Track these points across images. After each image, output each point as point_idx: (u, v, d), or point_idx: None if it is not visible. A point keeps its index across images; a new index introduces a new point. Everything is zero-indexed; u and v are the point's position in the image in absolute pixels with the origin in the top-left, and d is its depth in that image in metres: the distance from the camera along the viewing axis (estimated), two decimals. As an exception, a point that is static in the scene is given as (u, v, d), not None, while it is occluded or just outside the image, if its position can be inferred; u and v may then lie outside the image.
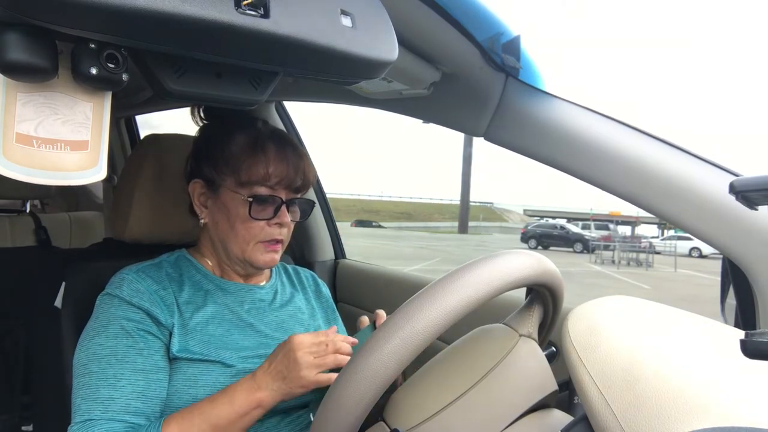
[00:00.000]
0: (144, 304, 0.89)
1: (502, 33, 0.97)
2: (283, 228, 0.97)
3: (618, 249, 21.07)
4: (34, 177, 0.55)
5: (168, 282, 0.95)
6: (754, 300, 0.88)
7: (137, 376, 0.84)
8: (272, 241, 0.96)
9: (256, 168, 0.93)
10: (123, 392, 0.82)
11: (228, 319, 0.96)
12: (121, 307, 0.89)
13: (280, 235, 0.96)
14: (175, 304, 0.92)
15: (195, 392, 0.87)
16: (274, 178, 0.94)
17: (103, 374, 0.83)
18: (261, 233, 0.95)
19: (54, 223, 2.17)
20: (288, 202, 0.97)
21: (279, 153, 0.95)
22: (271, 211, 0.95)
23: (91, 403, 0.81)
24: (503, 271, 0.66)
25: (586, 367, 0.56)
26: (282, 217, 0.95)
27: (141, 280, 0.92)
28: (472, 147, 38.98)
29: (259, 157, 0.93)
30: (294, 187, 0.97)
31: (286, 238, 0.99)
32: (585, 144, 0.97)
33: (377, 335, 0.61)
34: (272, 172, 0.93)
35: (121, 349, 0.85)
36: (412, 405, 0.69)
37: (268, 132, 0.99)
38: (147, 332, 0.88)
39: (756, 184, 0.54)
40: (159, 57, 0.59)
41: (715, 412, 0.47)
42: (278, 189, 0.95)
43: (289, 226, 0.98)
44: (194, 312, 0.93)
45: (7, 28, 0.50)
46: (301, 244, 1.87)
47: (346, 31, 0.64)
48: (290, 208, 0.98)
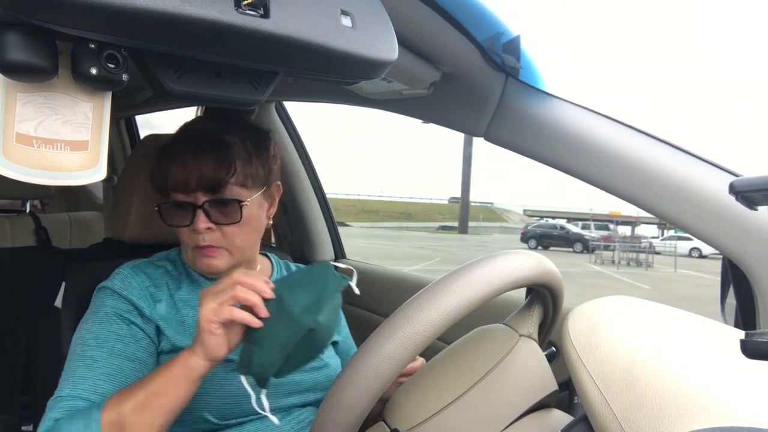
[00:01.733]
0: (132, 296, 0.90)
1: (502, 33, 0.97)
2: (211, 233, 0.90)
3: (618, 249, 21.07)
4: (34, 177, 0.55)
5: (165, 279, 0.95)
6: (754, 300, 0.88)
7: (113, 359, 0.84)
8: (201, 246, 0.91)
9: (163, 176, 0.91)
10: (95, 373, 0.83)
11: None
12: (112, 297, 0.90)
13: (203, 241, 0.90)
14: (168, 301, 0.92)
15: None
16: (178, 182, 0.89)
17: (83, 356, 0.84)
18: (189, 239, 0.92)
19: (54, 223, 2.17)
20: (209, 205, 0.89)
21: (181, 155, 0.89)
22: (187, 217, 0.90)
23: (66, 382, 0.82)
24: (503, 271, 0.66)
25: (586, 367, 0.56)
26: (197, 222, 0.89)
27: (134, 275, 0.93)
28: (472, 147, 38.99)
29: (164, 161, 0.91)
30: (207, 188, 0.89)
31: (228, 243, 0.91)
32: (585, 144, 0.97)
33: (377, 335, 0.61)
34: (174, 178, 0.89)
35: (103, 333, 0.86)
36: (412, 405, 0.69)
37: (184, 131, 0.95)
38: (130, 322, 0.88)
39: (756, 184, 0.54)
40: (159, 57, 0.59)
41: (715, 412, 0.47)
42: (187, 194, 0.89)
43: (222, 230, 0.90)
44: (192, 309, 0.93)
45: (7, 28, 0.50)
46: (301, 244, 1.87)
47: (346, 31, 0.64)
48: (215, 211, 0.90)
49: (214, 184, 0.89)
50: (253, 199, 0.93)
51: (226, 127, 0.94)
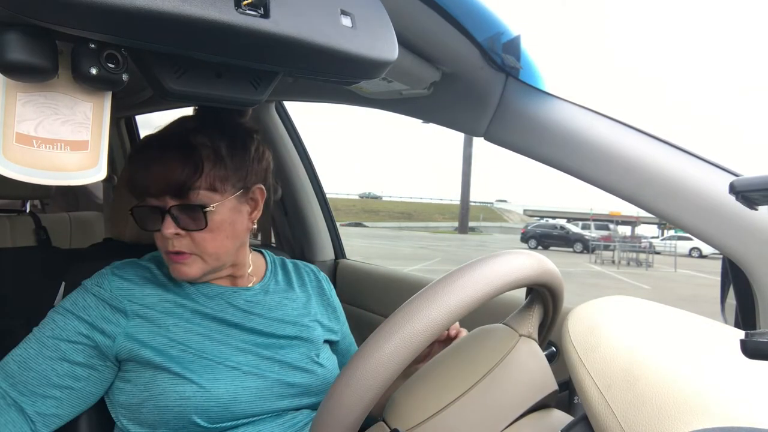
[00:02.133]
0: (104, 293, 0.89)
1: (502, 33, 0.97)
2: (180, 239, 0.88)
3: (618, 249, 21.08)
4: (34, 177, 0.55)
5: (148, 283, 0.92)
6: (754, 300, 0.88)
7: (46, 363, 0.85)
8: (171, 252, 0.89)
9: (132, 182, 0.90)
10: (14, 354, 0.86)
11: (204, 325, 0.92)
12: (86, 296, 0.90)
13: (172, 247, 0.88)
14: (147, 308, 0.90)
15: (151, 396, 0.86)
16: (145, 187, 0.88)
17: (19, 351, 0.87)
18: (162, 244, 0.90)
19: (54, 223, 2.17)
20: (176, 212, 0.87)
21: (148, 158, 0.88)
22: (157, 221, 0.88)
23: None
24: (503, 271, 0.66)
25: (586, 367, 0.56)
26: (165, 227, 0.86)
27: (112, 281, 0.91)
28: (472, 147, 38.99)
29: (134, 169, 0.90)
30: (172, 193, 0.86)
31: (199, 249, 0.89)
32: (585, 144, 0.97)
33: (377, 335, 0.61)
34: (141, 181, 0.88)
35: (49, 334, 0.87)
36: (412, 405, 0.69)
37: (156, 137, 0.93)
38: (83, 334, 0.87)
39: (756, 184, 0.54)
40: (159, 57, 0.59)
41: (715, 412, 0.47)
42: (154, 199, 0.88)
43: (192, 236, 0.88)
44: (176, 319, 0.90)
45: (7, 28, 0.50)
46: (301, 244, 1.87)
47: (346, 31, 0.64)
48: (183, 217, 0.87)
49: (178, 188, 0.86)
50: (223, 204, 0.89)
51: (198, 128, 0.91)
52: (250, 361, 0.91)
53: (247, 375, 0.89)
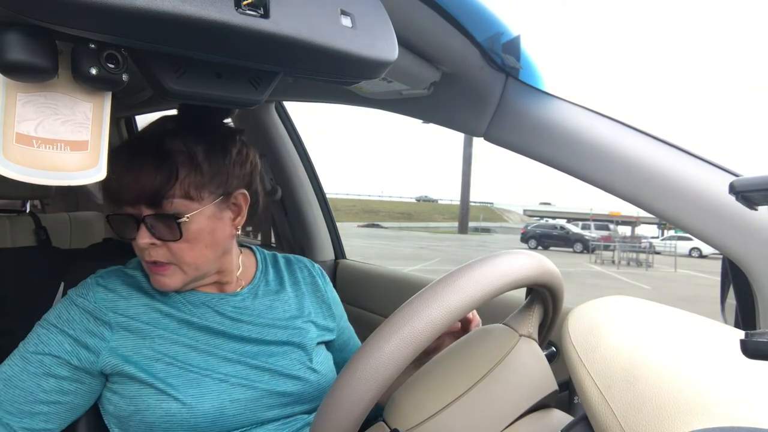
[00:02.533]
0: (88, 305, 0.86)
1: (502, 33, 0.97)
2: (156, 249, 0.84)
3: (618, 249, 21.08)
4: (34, 177, 0.55)
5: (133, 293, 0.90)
6: (754, 300, 0.88)
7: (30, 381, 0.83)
8: (148, 262, 0.86)
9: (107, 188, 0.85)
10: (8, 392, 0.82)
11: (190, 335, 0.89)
12: (70, 309, 0.87)
13: (150, 257, 0.84)
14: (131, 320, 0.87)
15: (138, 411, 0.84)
16: (119, 193, 0.84)
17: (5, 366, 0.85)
18: (139, 254, 0.87)
19: (54, 223, 2.17)
20: (150, 221, 0.83)
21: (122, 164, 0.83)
22: (133, 230, 0.84)
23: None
24: (503, 271, 0.66)
25: (586, 367, 0.56)
26: (140, 237, 0.83)
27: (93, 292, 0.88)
28: (472, 147, 38.98)
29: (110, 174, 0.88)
30: (147, 201, 0.82)
31: (176, 259, 0.85)
32: (585, 144, 0.97)
33: (377, 335, 0.61)
34: (115, 187, 0.84)
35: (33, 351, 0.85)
36: (412, 405, 0.69)
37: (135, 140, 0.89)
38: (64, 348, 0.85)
39: (756, 184, 0.54)
40: (159, 57, 0.59)
41: (715, 412, 0.47)
42: (128, 207, 0.84)
43: (169, 247, 0.84)
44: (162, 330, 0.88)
45: (7, 28, 0.50)
46: (301, 244, 1.87)
47: (346, 31, 0.64)
48: (158, 226, 0.83)
49: (152, 196, 0.82)
50: (200, 213, 0.84)
51: (176, 130, 0.87)
52: (238, 372, 0.88)
53: (235, 387, 0.86)
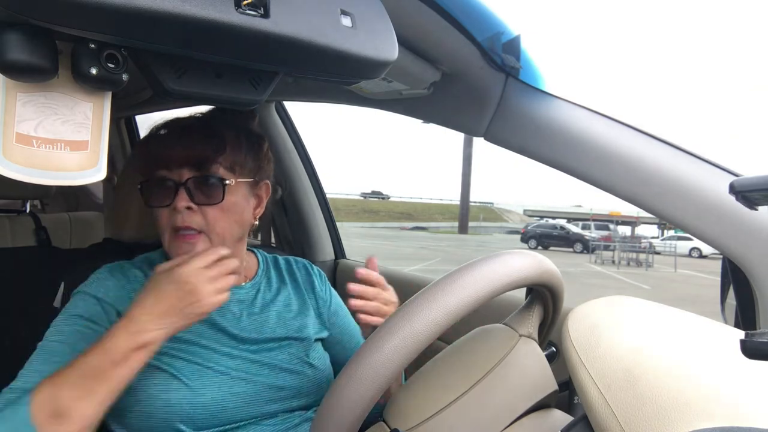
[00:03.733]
0: (107, 298, 0.88)
1: (502, 33, 0.97)
2: (191, 214, 0.86)
3: (618, 249, 21.08)
4: (34, 177, 0.55)
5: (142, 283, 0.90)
6: (754, 300, 0.88)
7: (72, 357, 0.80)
8: (179, 229, 0.87)
9: (145, 156, 0.90)
10: (51, 368, 0.79)
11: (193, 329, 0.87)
12: (84, 299, 0.88)
13: (184, 222, 0.86)
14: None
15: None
16: (162, 159, 0.87)
17: (42, 350, 0.83)
18: (167, 222, 0.88)
19: (54, 223, 2.17)
20: (191, 185, 0.87)
21: (168, 134, 0.91)
22: (168, 195, 0.87)
23: (20, 374, 0.81)
24: (503, 272, 0.66)
25: (586, 367, 0.56)
26: (177, 200, 0.85)
27: (111, 276, 0.91)
28: (472, 147, 38.99)
29: (150, 144, 0.92)
30: (193, 163, 0.87)
31: (208, 227, 0.88)
32: (585, 144, 0.97)
33: (377, 335, 0.61)
34: (157, 154, 0.88)
35: (67, 331, 0.85)
36: (412, 405, 0.69)
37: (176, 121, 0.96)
38: (97, 323, 0.86)
39: (756, 184, 0.54)
40: (159, 57, 0.59)
41: (715, 412, 0.47)
42: (170, 170, 0.87)
43: (204, 212, 0.87)
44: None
45: (7, 28, 0.50)
46: (301, 244, 1.87)
47: (346, 31, 0.64)
48: (199, 190, 0.87)
49: (200, 159, 0.87)
50: (238, 185, 0.90)
51: (218, 117, 0.96)
52: (238, 365, 0.90)
53: (236, 380, 0.88)
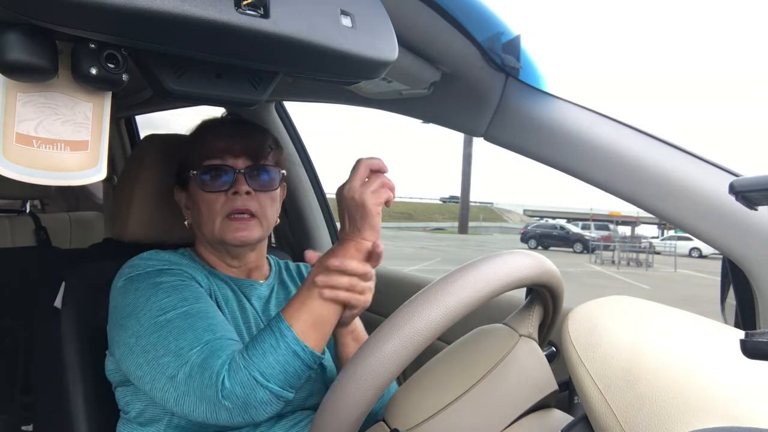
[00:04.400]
0: (184, 269, 0.91)
1: (503, 33, 0.97)
2: (249, 199, 0.93)
3: (618, 249, 21.07)
4: (34, 177, 0.55)
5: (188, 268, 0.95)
6: (754, 300, 0.88)
7: (217, 312, 0.87)
8: (237, 212, 0.93)
9: (202, 146, 0.96)
10: (218, 320, 0.84)
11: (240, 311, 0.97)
12: (161, 274, 0.89)
13: (243, 206, 0.93)
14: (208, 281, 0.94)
15: None
16: (220, 149, 0.94)
17: (187, 314, 0.83)
18: (223, 208, 0.93)
19: (54, 223, 2.17)
20: (248, 172, 0.94)
21: (223, 128, 0.99)
22: (226, 181, 0.93)
23: (193, 334, 0.80)
24: (503, 272, 0.66)
25: (586, 367, 0.56)
26: (238, 184, 0.93)
27: (166, 257, 0.94)
28: (472, 147, 38.95)
29: (204, 136, 0.98)
30: (250, 154, 0.95)
31: (261, 213, 0.95)
32: (585, 144, 0.97)
33: (377, 335, 0.61)
34: (215, 144, 0.95)
35: (190, 293, 0.86)
36: (412, 405, 0.69)
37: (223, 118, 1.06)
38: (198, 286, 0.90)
39: (756, 184, 0.54)
40: (159, 57, 0.59)
41: (715, 412, 0.47)
42: (229, 159, 0.94)
43: (258, 198, 0.95)
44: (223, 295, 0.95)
45: (7, 28, 0.50)
46: (301, 242, 1.87)
47: (346, 31, 0.64)
48: (254, 178, 0.95)
49: (258, 150, 0.96)
50: (282, 176, 1.00)
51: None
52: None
53: None
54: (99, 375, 0.96)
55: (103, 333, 0.93)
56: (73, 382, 1.00)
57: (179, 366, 0.78)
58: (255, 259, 1.03)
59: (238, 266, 1.02)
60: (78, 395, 0.99)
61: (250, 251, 1.01)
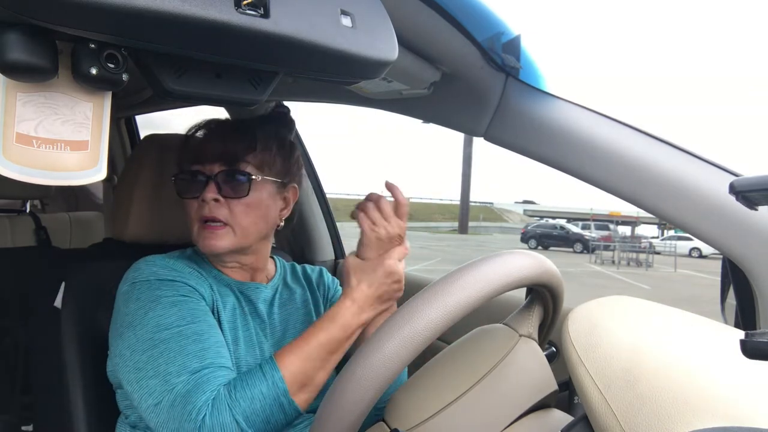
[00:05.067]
0: (187, 280, 0.90)
1: (503, 33, 0.97)
2: (218, 206, 0.91)
3: (618, 249, 21.08)
4: (34, 177, 0.55)
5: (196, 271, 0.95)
6: (754, 300, 0.88)
7: (214, 330, 0.85)
8: (207, 220, 0.91)
9: (186, 150, 0.96)
10: (210, 343, 0.82)
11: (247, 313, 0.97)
12: (163, 284, 0.88)
13: (210, 213, 0.91)
14: (211, 290, 0.93)
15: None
16: (198, 154, 0.94)
17: (181, 335, 0.82)
18: (196, 213, 0.93)
19: (54, 223, 2.17)
20: (220, 177, 0.92)
21: (206, 131, 0.97)
22: (198, 188, 0.92)
23: (183, 360, 0.79)
24: (503, 272, 0.66)
25: (586, 367, 0.56)
26: (206, 191, 0.90)
27: (172, 264, 0.93)
28: (472, 147, 38.95)
29: (189, 140, 0.98)
30: (224, 159, 0.92)
31: (233, 220, 0.92)
32: (585, 144, 0.97)
33: (377, 335, 0.61)
34: (194, 148, 0.95)
35: (187, 312, 0.85)
36: (412, 405, 0.69)
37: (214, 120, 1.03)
38: (199, 300, 0.89)
39: (756, 184, 0.54)
40: (159, 57, 0.59)
41: (715, 412, 0.47)
42: (207, 164, 0.93)
43: (230, 205, 0.91)
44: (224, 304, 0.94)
45: (7, 28, 0.50)
46: (301, 244, 1.87)
47: (346, 31, 0.64)
48: (227, 184, 0.92)
49: (232, 155, 0.93)
50: (265, 182, 0.95)
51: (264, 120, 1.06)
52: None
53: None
54: (99, 375, 0.96)
55: (103, 333, 0.93)
56: (72, 382, 1.00)
57: (164, 392, 0.78)
58: (252, 261, 1.01)
59: (237, 267, 1.01)
60: (78, 395, 0.99)
61: (239, 254, 0.98)
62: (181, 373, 0.78)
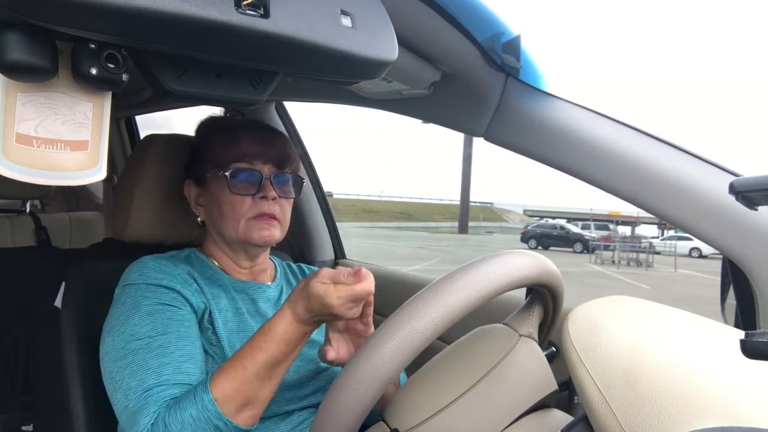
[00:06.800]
0: (174, 284, 0.90)
1: (503, 33, 0.97)
2: (273, 203, 0.96)
3: (618, 249, 21.08)
4: (34, 177, 0.55)
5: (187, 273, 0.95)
6: (754, 300, 0.88)
7: (183, 342, 0.85)
8: (262, 215, 0.95)
9: (231, 148, 0.97)
10: (173, 357, 0.82)
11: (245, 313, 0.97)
12: (149, 290, 0.89)
13: (269, 209, 0.96)
14: (201, 293, 0.93)
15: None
16: (250, 154, 0.96)
17: (148, 348, 0.82)
18: (249, 210, 0.95)
19: (54, 223, 2.17)
20: (274, 178, 0.97)
21: (251, 132, 0.99)
22: (254, 185, 0.95)
23: (142, 375, 0.80)
24: (503, 271, 0.66)
25: (586, 367, 0.56)
26: (266, 190, 0.95)
27: (163, 266, 0.93)
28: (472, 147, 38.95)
29: (231, 137, 0.98)
30: (276, 162, 0.98)
31: (282, 216, 0.98)
32: (585, 144, 0.97)
33: (377, 335, 0.61)
34: (246, 149, 0.96)
35: (160, 323, 0.85)
36: (412, 405, 0.69)
37: (241, 119, 1.06)
38: (178, 308, 0.88)
39: (756, 184, 0.54)
40: (159, 57, 0.59)
41: (715, 412, 0.47)
42: (257, 164, 0.97)
43: (280, 203, 0.98)
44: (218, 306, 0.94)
45: (7, 28, 0.50)
46: (301, 244, 1.87)
47: (346, 31, 0.64)
48: (278, 185, 0.98)
49: (284, 158, 0.99)
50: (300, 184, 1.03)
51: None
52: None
53: None
54: (99, 375, 0.96)
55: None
56: (73, 382, 0.99)
57: (122, 408, 0.80)
58: (262, 261, 1.05)
59: (248, 268, 1.03)
60: (78, 395, 0.99)
61: (262, 252, 1.03)
62: (137, 389, 0.79)
